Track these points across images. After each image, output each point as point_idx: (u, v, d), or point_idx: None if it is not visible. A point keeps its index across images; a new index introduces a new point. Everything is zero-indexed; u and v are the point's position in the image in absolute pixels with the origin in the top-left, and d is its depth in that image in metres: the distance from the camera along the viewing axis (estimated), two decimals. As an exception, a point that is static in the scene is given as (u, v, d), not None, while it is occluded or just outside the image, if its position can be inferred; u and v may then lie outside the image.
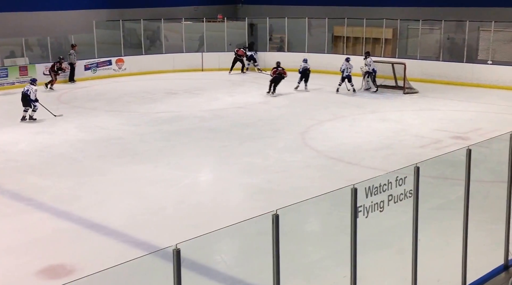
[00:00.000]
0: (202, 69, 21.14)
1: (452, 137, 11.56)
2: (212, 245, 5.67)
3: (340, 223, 5.59)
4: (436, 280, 5.63)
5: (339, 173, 9.56)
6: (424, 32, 19.62)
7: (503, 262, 5.75)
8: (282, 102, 15.61)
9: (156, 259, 3.94)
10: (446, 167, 7.06)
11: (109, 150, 11.03)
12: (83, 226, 7.49)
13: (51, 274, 6.27)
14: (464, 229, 5.28)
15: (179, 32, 21.49)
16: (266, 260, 3.98)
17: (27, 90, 13.30)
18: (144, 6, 22.82)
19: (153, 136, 12.11)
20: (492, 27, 17.80)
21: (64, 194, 8.71)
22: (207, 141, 11.70)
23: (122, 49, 20.36)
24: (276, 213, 3.84)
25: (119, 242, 7.02)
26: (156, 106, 15.15)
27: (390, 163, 9.62)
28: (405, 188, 4.69)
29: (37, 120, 13.33)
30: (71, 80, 18.68)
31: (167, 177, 9.41)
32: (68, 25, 20.63)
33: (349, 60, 16.68)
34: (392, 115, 14.02)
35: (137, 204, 8.27)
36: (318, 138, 11.87)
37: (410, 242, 4.92)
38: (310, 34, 21.64)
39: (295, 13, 22.11)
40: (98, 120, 13.54)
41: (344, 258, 4.51)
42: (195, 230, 4.84)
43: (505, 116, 13.51)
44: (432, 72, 18.37)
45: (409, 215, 4.89)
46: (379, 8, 21.12)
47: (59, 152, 10.97)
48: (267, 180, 9.22)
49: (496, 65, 17.52)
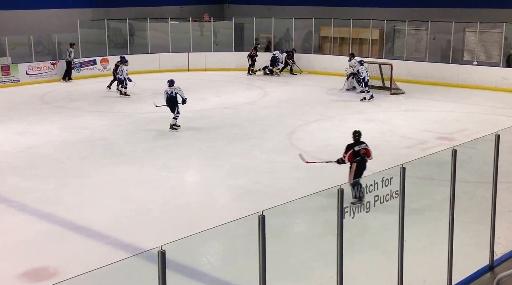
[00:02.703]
0: (188, 69, 21.03)
1: (438, 138, 11.64)
2: (198, 246, 5.61)
3: (326, 224, 5.58)
4: (422, 280, 5.64)
5: (326, 174, 9.54)
6: (411, 33, 19.77)
7: (489, 263, 5.79)
8: (268, 103, 15.58)
9: (141, 261, 3.87)
10: (432, 168, 7.09)
11: (93, 151, 10.88)
12: (66, 228, 7.37)
13: (33, 277, 6.15)
14: (450, 230, 5.29)
15: (165, 32, 21.35)
16: (253, 261, 3.94)
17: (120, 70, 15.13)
18: (129, 6, 22.63)
19: (138, 136, 11.98)
20: (478, 28, 18.00)
21: (47, 196, 8.56)
22: (193, 142, 11.62)
23: (107, 48, 20.15)
24: (262, 214, 3.80)
25: (103, 244, 6.91)
26: (141, 107, 15.01)
27: (377, 163, 9.62)
28: (391, 188, 4.68)
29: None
30: (67, 78, 18.52)
31: (152, 178, 9.31)
32: (52, 24, 20.37)
33: (363, 63, 15.88)
34: (379, 115, 14.08)
35: (122, 206, 8.16)
36: (305, 138, 11.86)
37: (396, 242, 4.91)
38: (297, 34, 21.68)
39: (282, 13, 22.12)
40: (82, 121, 13.37)
41: (331, 259, 4.49)
42: (181, 232, 4.77)
43: (490, 117, 13.65)
44: (418, 73, 18.51)
45: (395, 216, 4.89)
46: (366, 9, 21.23)
47: (42, 153, 10.79)
48: (254, 181, 9.17)
49: (482, 66, 17.71)
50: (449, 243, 5.29)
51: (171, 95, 12.16)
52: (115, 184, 9.08)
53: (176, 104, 12.14)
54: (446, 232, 5.32)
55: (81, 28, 19.85)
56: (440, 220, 5.75)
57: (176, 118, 12.25)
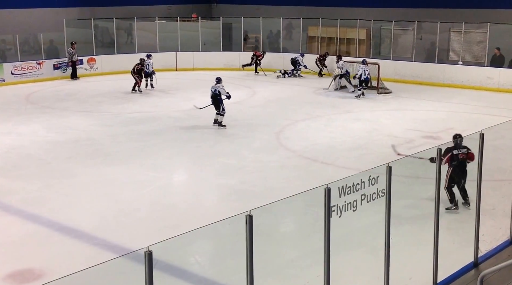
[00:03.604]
0: (176, 68, 20.95)
1: (424, 137, 11.76)
2: (186, 246, 5.60)
3: (314, 223, 5.60)
4: (408, 278, 5.69)
5: (314, 173, 9.59)
6: (397, 33, 19.92)
7: (473, 260, 5.86)
8: (256, 102, 15.59)
9: (128, 262, 3.85)
10: (418, 167, 7.16)
11: (80, 151, 10.79)
12: (52, 229, 7.30)
13: (19, 279, 6.09)
14: (435, 228, 5.35)
15: (152, 31, 21.24)
16: (241, 260, 3.95)
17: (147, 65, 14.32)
18: (116, 5, 22.45)
19: (125, 136, 11.91)
20: (463, 29, 18.21)
21: (33, 197, 8.47)
22: (181, 142, 11.58)
23: (94, 48, 19.98)
24: (249, 213, 3.81)
25: (90, 245, 6.86)
26: (129, 106, 14.92)
27: (364, 162, 9.71)
28: (377, 187, 4.72)
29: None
30: (74, 77, 18.48)
31: (140, 179, 9.26)
32: (37, 24, 20.14)
33: (365, 62, 16.11)
34: (366, 115, 14.18)
35: (109, 206, 8.10)
36: (293, 138, 11.89)
37: (382, 241, 4.96)
38: (285, 34, 21.72)
39: (269, 13, 22.15)
40: (68, 121, 13.24)
41: (318, 258, 4.51)
42: (169, 232, 4.75)
43: (475, 116, 13.82)
44: (405, 73, 18.67)
45: (382, 214, 4.93)
46: (353, 9, 21.35)
47: (28, 153, 10.67)
48: (242, 180, 9.17)
49: (467, 65, 17.92)
50: (434, 241, 5.35)
51: (214, 93, 12.48)
52: (102, 184, 9.01)
53: (220, 101, 12.38)
54: (432, 230, 5.38)
55: (67, 27, 19.66)
56: (425, 218, 5.82)
57: (221, 115, 12.46)
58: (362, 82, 15.98)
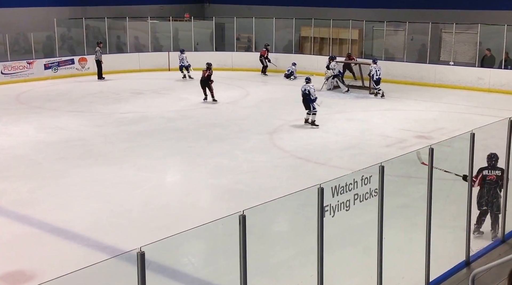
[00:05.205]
0: (169, 68, 20.88)
1: (416, 137, 11.82)
2: (179, 247, 5.57)
3: (307, 222, 5.60)
4: (400, 277, 5.72)
5: (307, 173, 9.60)
6: (389, 33, 20.02)
7: (465, 258, 5.90)
8: (249, 103, 15.59)
9: (121, 262, 3.82)
10: (410, 166, 7.19)
11: (71, 152, 10.72)
12: (43, 231, 7.24)
13: (10, 280, 6.04)
14: (428, 227, 5.38)
15: (144, 31, 21.15)
16: (234, 261, 3.94)
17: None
18: (108, 4, 22.32)
19: (117, 137, 11.85)
20: (454, 29, 18.33)
21: (24, 198, 8.40)
22: (174, 142, 11.55)
23: (85, 47, 19.86)
24: (243, 213, 3.80)
25: (82, 246, 6.82)
26: (121, 107, 14.85)
27: (357, 162, 9.74)
28: (370, 187, 4.73)
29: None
30: (100, 77, 18.45)
31: (132, 179, 9.21)
32: (28, 23, 19.97)
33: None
34: (358, 115, 14.23)
35: (101, 207, 8.05)
36: (286, 138, 11.90)
37: (375, 240, 4.97)
38: (277, 34, 21.73)
39: (262, 13, 22.14)
40: (59, 121, 13.15)
41: (311, 257, 4.51)
42: (162, 233, 4.73)
43: (466, 116, 13.92)
44: (397, 73, 18.75)
45: (375, 214, 4.95)
46: (346, 9, 21.41)
47: (18, 153, 10.58)
48: (236, 180, 9.16)
49: (458, 66, 18.04)
50: (426, 240, 5.38)
51: (304, 92, 12.68)
52: (93, 185, 8.96)
53: (309, 100, 12.61)
54: (424, 229, 5.41)
55: (58, 27, 19.53)
56: (418, 217, 5.84)
57: (313, 114, 12.60)
58: (375, 82, 16.05)
